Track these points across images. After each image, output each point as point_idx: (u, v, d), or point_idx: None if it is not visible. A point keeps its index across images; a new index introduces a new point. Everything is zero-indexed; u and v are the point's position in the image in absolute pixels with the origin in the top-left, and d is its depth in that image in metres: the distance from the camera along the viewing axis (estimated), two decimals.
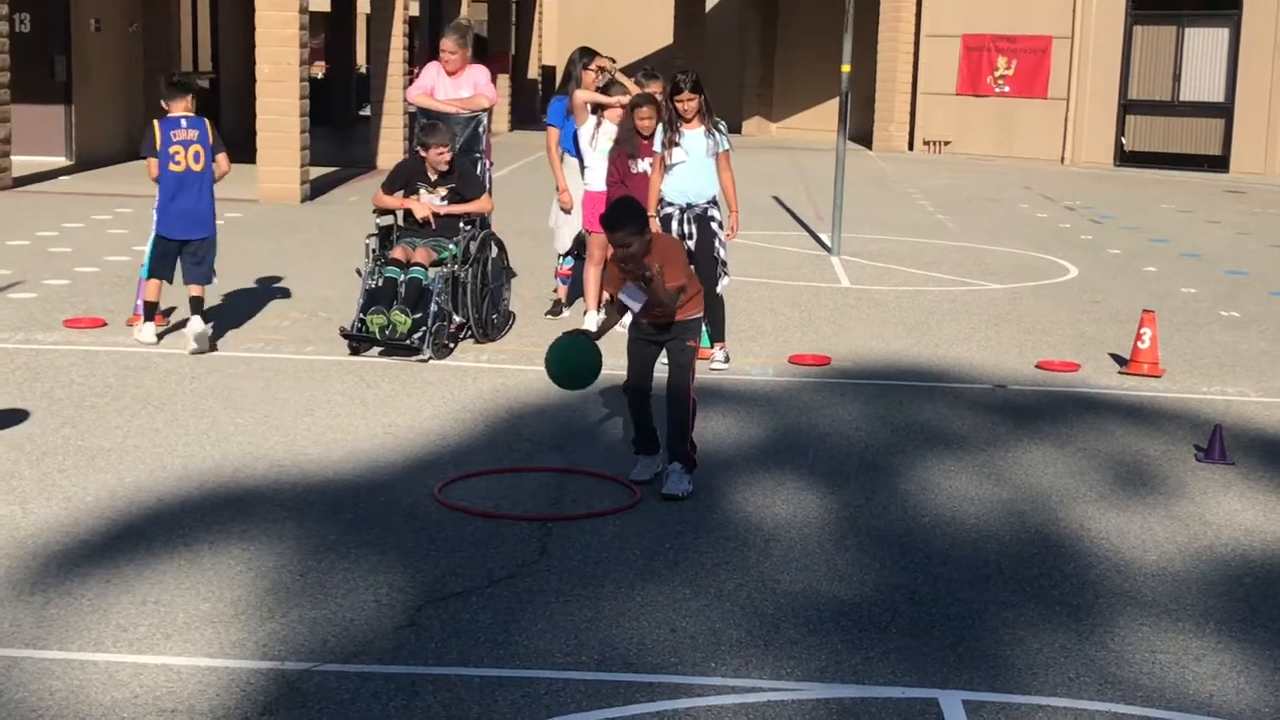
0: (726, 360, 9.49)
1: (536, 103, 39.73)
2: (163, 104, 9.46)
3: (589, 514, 6.54)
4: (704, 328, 9.62)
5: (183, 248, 9.41)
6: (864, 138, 32.16)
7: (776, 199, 19.93)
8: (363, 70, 35.16)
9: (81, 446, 7.26)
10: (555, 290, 11.18)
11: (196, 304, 9.36)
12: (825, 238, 15.40)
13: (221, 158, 9.46)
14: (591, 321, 10.23)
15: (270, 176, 17.91)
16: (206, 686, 4.71)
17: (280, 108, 17.90)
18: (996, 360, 10.01)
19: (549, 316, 10.89)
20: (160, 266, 9.45)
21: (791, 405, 8.66)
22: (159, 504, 6.46)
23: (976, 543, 6.36)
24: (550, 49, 42.32)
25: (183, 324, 9.58)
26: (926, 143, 30.95)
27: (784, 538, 6.33)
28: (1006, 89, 29.71)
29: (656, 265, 6.63)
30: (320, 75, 36.62)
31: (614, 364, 7.72)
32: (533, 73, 42.79)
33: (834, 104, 28.25)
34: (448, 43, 10.45)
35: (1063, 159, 28.72)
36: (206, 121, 9.48)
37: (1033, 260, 15.05)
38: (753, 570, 5.93)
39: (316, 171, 19.44)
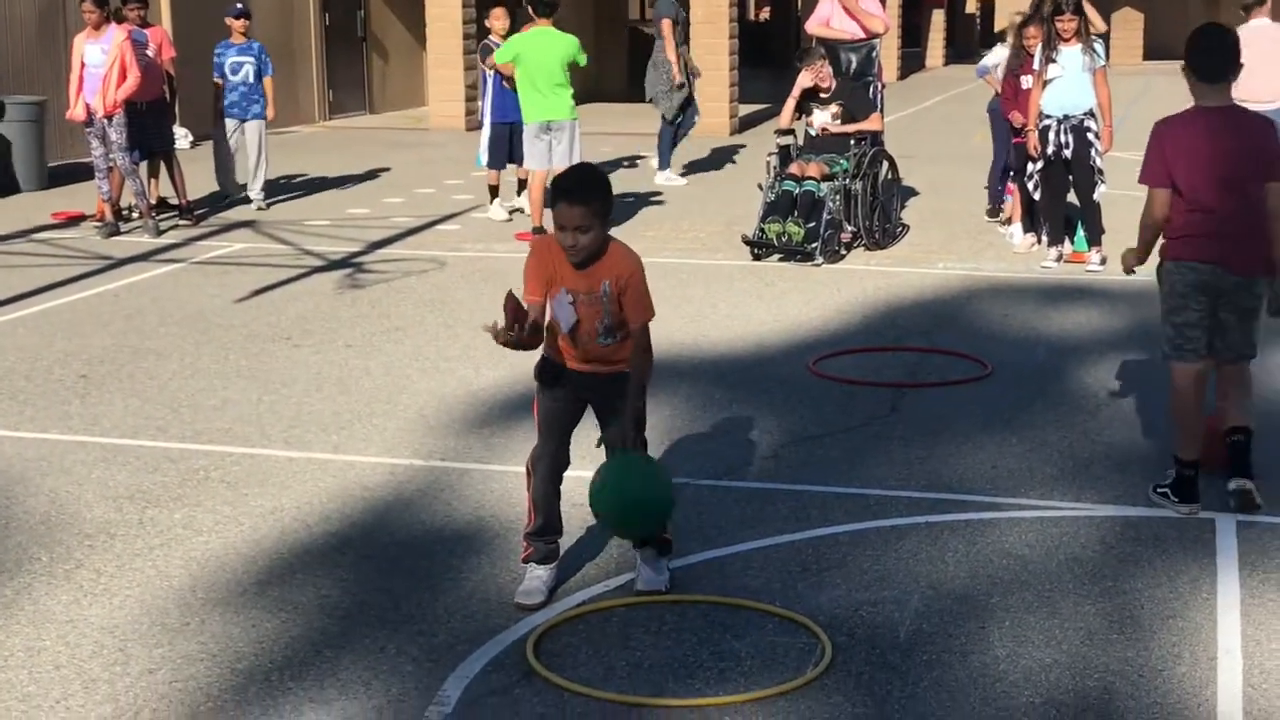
0: (1103, 262, 10.13)
1: (974, 38, 39.79)
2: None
3: (938, 383, 7.49)
4: (1081, 232, 10.35)
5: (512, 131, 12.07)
6: None
7: None
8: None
9: None
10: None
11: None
12: None
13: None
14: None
15: (703, 112, 19.32)
16: None
17: (713, 48, 19.30)
18: None
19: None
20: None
21: (1156, 301, 9.24)
22: None
23: None
24: None
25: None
26: None
27: (1114, 403, 7.10)
28: None
29: (608, 282, 4.96)
30: (764, 19, 38.07)
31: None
32: (970, 7, 42.83)
33: None
34: None
35: None
36: None
37: None
38: (1078, 427, 6.75)
39: (747, 108, 20.74)
